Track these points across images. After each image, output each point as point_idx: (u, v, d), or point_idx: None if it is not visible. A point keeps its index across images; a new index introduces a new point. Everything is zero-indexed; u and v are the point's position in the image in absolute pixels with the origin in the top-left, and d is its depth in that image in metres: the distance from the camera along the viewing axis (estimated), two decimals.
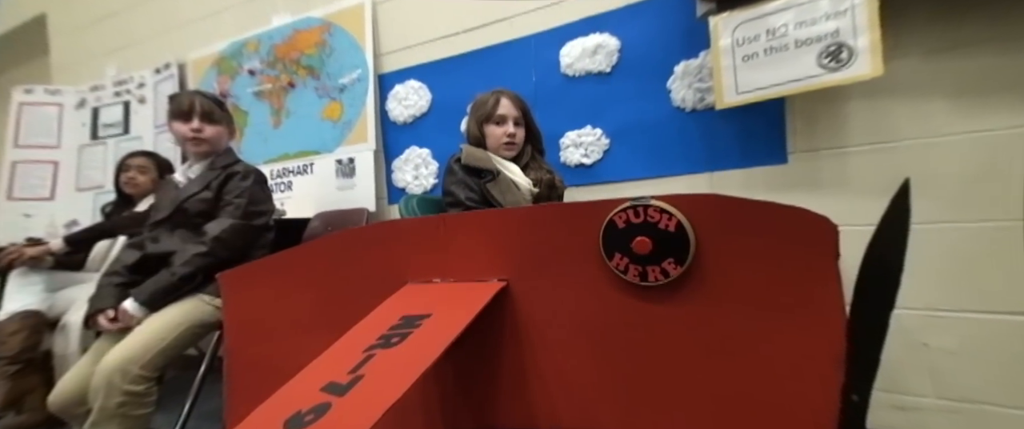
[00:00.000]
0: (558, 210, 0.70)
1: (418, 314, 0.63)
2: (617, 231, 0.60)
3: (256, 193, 1.13)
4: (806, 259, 0.51)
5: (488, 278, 0.71)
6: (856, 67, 0.81)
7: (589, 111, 1.32)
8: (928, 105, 0.94)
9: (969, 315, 0.92)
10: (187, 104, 1.12)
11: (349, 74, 1.68)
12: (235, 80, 1.95)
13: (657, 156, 1.23)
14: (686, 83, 1.18)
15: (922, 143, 0.96)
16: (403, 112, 1.60)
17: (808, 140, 1.06)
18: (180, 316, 1.00)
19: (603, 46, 1.29)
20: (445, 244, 0.75)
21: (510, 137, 1.02)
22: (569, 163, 1.34)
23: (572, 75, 1.34)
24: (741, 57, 0.92)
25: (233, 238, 1.07)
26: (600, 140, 1.30)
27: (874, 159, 0.99)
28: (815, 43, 0.85)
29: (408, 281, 0.77)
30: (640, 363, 0.61)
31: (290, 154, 1.80)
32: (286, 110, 1.82)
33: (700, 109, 1.17)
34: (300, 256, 0.87)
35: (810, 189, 1.05)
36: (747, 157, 1.12)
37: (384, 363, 0.52)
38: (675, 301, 0.58)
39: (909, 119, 0.96)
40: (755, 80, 0.92)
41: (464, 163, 0.97)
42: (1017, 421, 0.89)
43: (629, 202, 0.59)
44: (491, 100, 1.03)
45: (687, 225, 0.55)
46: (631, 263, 0.59)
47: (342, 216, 1.60)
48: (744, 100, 0.94)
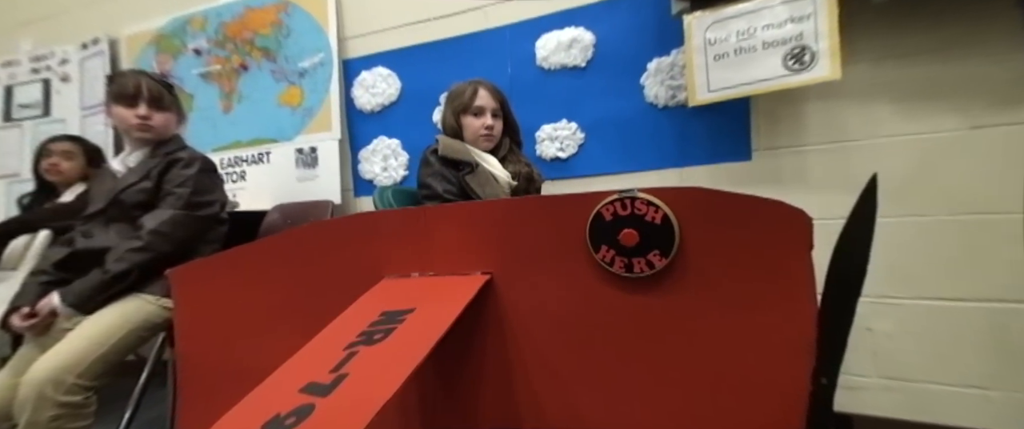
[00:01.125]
0: (544, 202, 0.70)
1: (400, 309, 0.61)
2: (604, 223, 0.61)
3: (201, 182, 1.04)
4: (782, 249, 0.54)
5: (471, 271, 0.70)
6: (817, 70, 0.87)
7: (565, 105, 1.33)
8: (877, 108, 1.03)
9: (907, 301, 1.03)
10: (133, 87, 1.01)
11: (310, 58, 1.59)
12: (178, 60, 1.80)
13: (630, 151, 1.27)
14: (659, 80, 1.22)
15: (871, 143, 1.05)
16: (370, 100, 1.54)
17: (770, 138, 1.12)
18: (120, 318, 0.91)
19: (578, 40, 1.30)
20: (426, 237, 0.73)
21: (488, 129, 1.01)
22: (545, 156, 1.35)
23: (548, 68, 1.34)
24: (713, 56, 0.97)
25: (174, 231, 0.98)
26: (575, 134, 1.32)
27: (829, 157, 1.08)
28: (780, 45, 0.90)
29: (385, 276, 0.74)
30: (623, 355, 0.62)
31: (243, 141, 1.69)
32: (238, 93, 1.70)
33: (672, 106, 1.21)
34: (264, 251, 0.82)
35: (772, 185, 1.12)
36: (714, 154, 1.18)
37: (369, 360, 0.50)
38: (658, 292, 0.60)
39: (860, 121, 1.05)
40: (725, 79, 0.96)
41: (441, 154, 0.94)
42: (949, 396, 1.00)
43: (616, 194, 0.60)
44: (469, 90, 1.02)
45: (672, 217, 0.57)
46: (617, 255, 0.60)
47: (304, 209, 1.52)
48: (715, 98, 0.98)
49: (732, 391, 0.56)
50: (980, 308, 0.97)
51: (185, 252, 1.00)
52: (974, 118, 0.96)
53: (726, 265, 0.56)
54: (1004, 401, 0.94)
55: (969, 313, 0.98)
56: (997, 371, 0.95)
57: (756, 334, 0.55)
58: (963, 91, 0.97)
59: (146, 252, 0.95)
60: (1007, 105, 0.93)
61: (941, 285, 0.99)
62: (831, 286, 0.52)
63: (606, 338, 0.63)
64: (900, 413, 1.03)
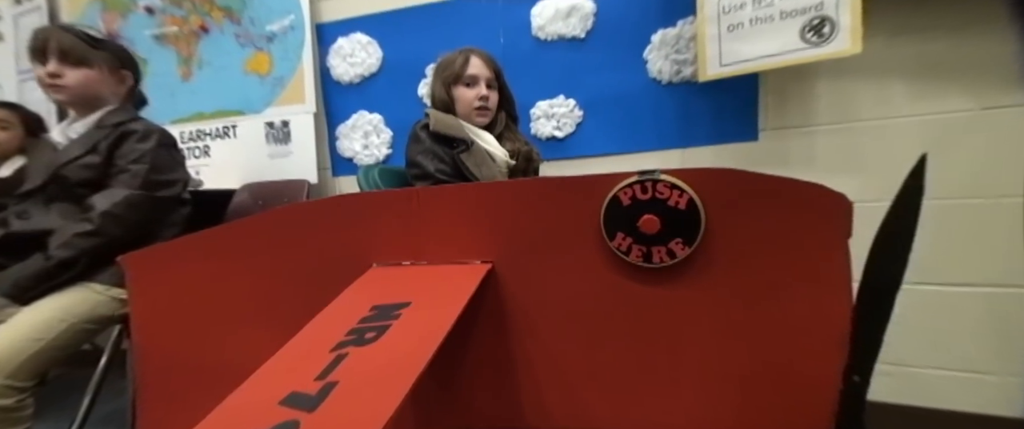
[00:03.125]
0: (552, 184, 0.64)
1: (394, 303, 0.56)
2: (621, 208, 0.56)
3: (160, 158, 0.94)
4: (819, 237, 0.51)
5: (469, 260, 0.64)
6: (837, 43, 0.83)
7: (562, 80, 1.26)
8: (889, 87, 1.01)
9: (908, 287, 1.02)
10: (40, 41, 0.91)
11: (279, 20, 1.46)
12: (127, 19, 1.63)
13: (631, 130, 1.22)
14: (663, 54, 1.16)
15: (881, 124, 1.02)
16: (348, 70, 1.43)
17: (779, 118, 1.09)
18: (61, 311, 0.82)
19: (578, 8, 1.22)
20: (419, 221, 0.67)
21: (483, 100, 0.94)
22: (540, 135, 1.28)
23: (544, 39, 1.26)
24: (726, 27, 0.91)
25: (128, 213, 0.89)
26: (573, 112, 1.26)
27: (838, 138, 1.05)
28: (800, 15, 0.85)
29: (373, 264, 0.68)
30: (638, 351, 0.58)
31: (206, 113, 1.56)
32: (198, 59, 1.56)
33: (676, 82, 1.16)
34: (234, 235, 0.74)
35: (779, 167, 1.08)
36: (719, 133, 1.14)
37: (362, 365, 0.44)
38: (680, 283, 0.56)
39: (871, 100, 1.02)
40: (739, 52, 0.91)
41: (433, 130, 0.87)
42: (938, 380, 1.02)
43: (636, 176, 0.55)
44: (460, 59, 0.94)
45: (698, 202, 0.53)
46: (635, 243, 0.56)
47: (277, 188, 1.42)
48: (727, 73, 0.94)
49: (757, 390, 0.53)
50: (981, 293, 0.98)
51: (141, 237, 0.91)
52: (986, 98, 0.95)
53: (756, 254, 0.53)
54: (1002, 385, 0.96)
55: (970, 298, 0.98)
56: (996, 356, 0.96)
57: (786, 329, 0.52)
58: (977, 70, 0.95)
59: (96, 237, 0.85)
60: (1021, 85, 0.92)
61: (945, 270, 0.99)
62: (869, 277, 0.49)
63: (619, 333, 0.59)
64: (898, 398, 1.05)
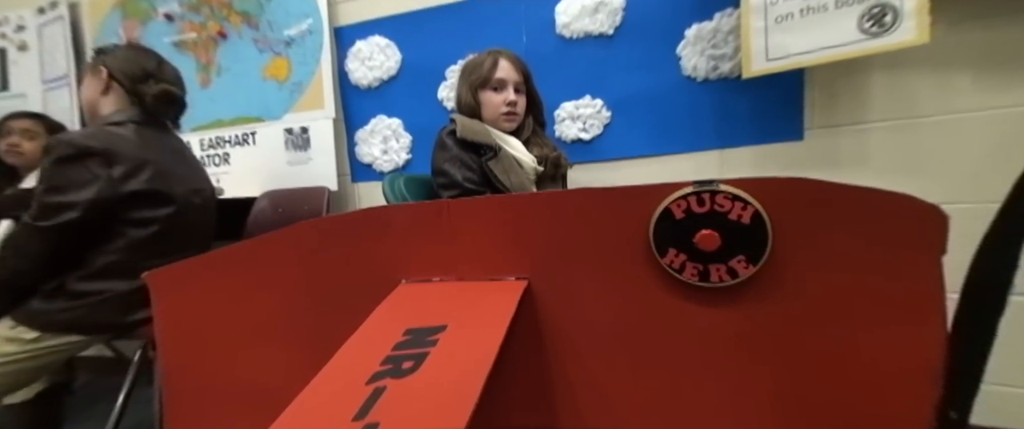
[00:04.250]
0: (596, 196, 0.60)
1: (429, 326, 0.52)
2: (674, 222, 0.51)
3: (56, 177, 0.81)
4: (907, 255, 0.45)
5: (503, 276, 0.61)
6: (900, 32, 0.77)
7: (588, 79, 1.21)
8: (953, 79, 0.93)
9: None
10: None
11: (297, 25, 1.45)
12: (147, 26, 1.64)
13: (663, 131, 1.16)
14: (699, 49, 1.10)
15: (943, 120, 0.95)
16: (367, 74, 1.41)
17: (827, 115, 1.02)
18: None
19: (605, 4, 1.17)
20: (450, 235, 0.63)
21: (510, 106, 0.90)
22: (565, 138, 1.24)
23: (569, 37, 1.22)
24: (774, 18, 0.85)
25: (24, 244, 0.81)
26: (601, 112, 1.21)
27: (895, 136, 0.98)
28: (857, 4, 0.79)
29: (402, 280, 0.65)
30: (692, 379, 0.54)
31: (225, 120, 1.56)
32: (217, 66, 1.56)
33: (713, 79, 1.11)
34: (258, 250, 0.72)
35: (827, 168, 1.03)
36: (760, 133, 1.08)
37: (404, 401, 0.40)
38: (742, 306, 0.51)
39: (932, 93, 0.95)
40: (788, 45, 0.85)
41: (460, 136, 0.84)
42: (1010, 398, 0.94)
43: (692, 187, 0.50)
44: (488, 61, 0.90)
45: (765, 216, 0.48)
46: (689, 260, 0.51)
47: (297, 195, 1.42)
48: (775, 68, 0.88)
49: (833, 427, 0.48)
50: None
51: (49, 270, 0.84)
52: None
53: (831, 274, 0.47)
54: None
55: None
56: None
57: (867, 360, 0.47)
58: None
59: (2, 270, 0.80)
60: None
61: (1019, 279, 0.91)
62: (968, 300, 0.44)
63: (671, 359, 0.54)
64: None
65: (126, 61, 0.97)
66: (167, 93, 0.99)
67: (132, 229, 0.88)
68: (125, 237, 0.88)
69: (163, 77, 1.00)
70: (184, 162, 1.04)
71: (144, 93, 0.96)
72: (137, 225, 0.89)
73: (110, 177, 0.84)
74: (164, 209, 0.92)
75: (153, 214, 0.90)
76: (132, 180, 0.86)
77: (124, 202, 0.86)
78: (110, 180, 0.84)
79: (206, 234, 1.10)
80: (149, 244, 0.90)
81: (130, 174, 0.86)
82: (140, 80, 0.96)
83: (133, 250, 0.89)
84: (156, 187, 0.90)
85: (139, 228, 0.89)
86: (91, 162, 0.83)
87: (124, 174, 0.85)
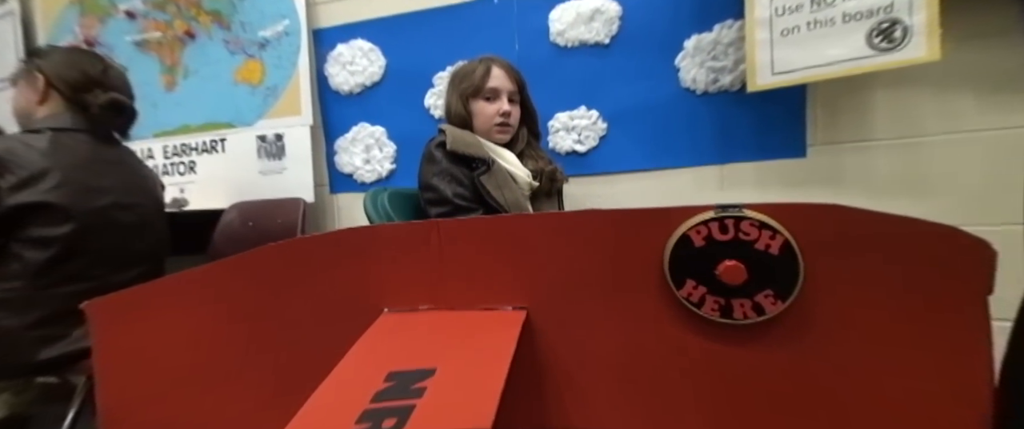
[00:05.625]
0: (603, 218, 0.55)
1: (415, 370, 0.46)
2: (693, 251, 0.47)
3: None
4: (951, 293, 0.41)
5: (499, 305, 0.55)
6: (910, 49, 0.75)
7: (584, 89, 1.18)
8: (958, 98, 0.93)
9: None
10: None
11: (272, 26, 1.38)
12: (106, 24, 1.54)
13: (661, 145, 1.13)
14: (698, 61, 1.08)
15: (948, 139, 0.94)
16: (348, 79, 1.35)
17: (830, 132, 1.01)
18: None
19: (602, 12, 1.14)
20: (439, 258, 0.58)
21: (504, 116, 0.85)
22: (559, 150, 1.20)
23: (564, 45, 1.18)
24: (779, 31, 0.83)
25: None
26: (596, 124, 1.17)
27: (898, 155, 0.97)
28: (866, 18, 0.77)
29: (384, 309, 0.59)
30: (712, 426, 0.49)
31: (192, 126, 1.47)
32: (184, 67, 1.47)
33: (713, 92, 1.08)
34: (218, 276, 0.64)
35: (830, 186, 1.01)
36: (762, 149, 1.06)
37: None
38: (767, 346, 0.47)
39: (936, 112, 0.94)
40: (795, 59, 0.83)
41: (450, 149, 0.78)
42: None
43: (713, 212, 0.46)
44: (480, 70, 0.85)
45: (796, 246, 0.43)
46: (709, 294, 0.46)
47: (269, 207, 1.33)
48: (781, 82, 0.85)
49: None
50: None
51: None
52: None
53: (868, 313, 0.43)
54: None
55: None
56: None
57: (908, 408, 0.43)
58: None
59: None
60: None
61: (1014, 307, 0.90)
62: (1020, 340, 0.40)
63: (686, 403, 0.49)
64: None
65: (66, 65, 0.87)
66: (115, 102, 0.90)
67: (29, 251, 0.77)
68: (20, 261, 0.76)
69: (109, 84, 0.90)
70: (116, 173, 0.91)
71: (89, 103, 0.86)
72: (34, 246, 0.77)
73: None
74: (62, 227, 0.79)
75: (50, 232, 0.78)
76: (23, 191, 0.75)
77: (11, 218, 0.75)
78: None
79: (149, 255, 0.97)
80: (51, 269, 0.78)
81: (23, 185, 0.75)
82: (83, 88, 0.86)
83: (31, 277, 0.77)
84: (52, 200, 0.78)
85: (36, 250, 0.77)
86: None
87: (14, 185, 0.75)
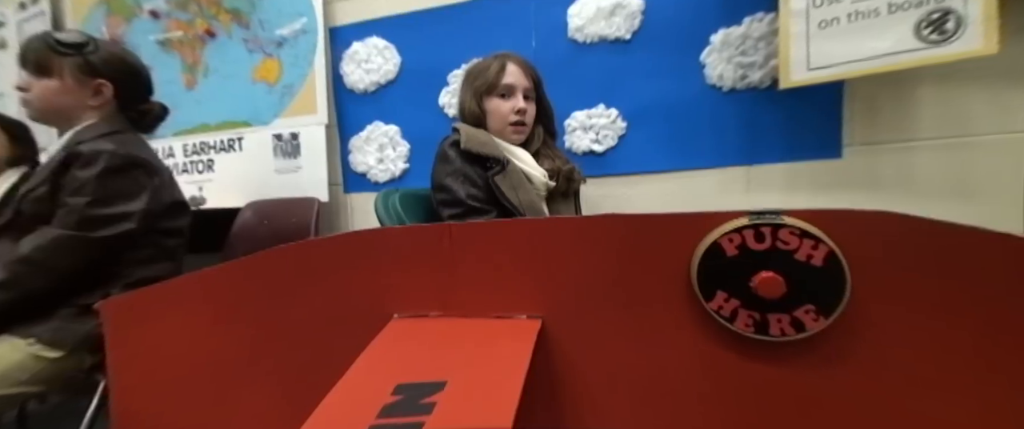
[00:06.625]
0: (626, 223, 0.52)
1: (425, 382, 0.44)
2: (725, 260, 0.43)
3: (106, 187, 0.80)
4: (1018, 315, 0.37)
5: (513, 313, 0.53)
6: (965, 41, 0.69)
7: (602, 87, 1.14)
8: (1011, 93, 0.86)
9: None
10: (22, 52, 0.84)
11: (289, 24, 1.39)
12: (131, 24, 1.58)
13: (684, 144, 1.09)
14: (725, 56, 1.03)
15: (1000, 139, 0.88)
16: (363, 78, 1.34)
17: (868, 131, 0.95)
18: None
19: (623, 6, 1.11)
20: (451, 264, 0.56)
21: (519, 115, 0.83)
22: (576, 149, 1.17)
23: (582, 41, 1.15)
24: (817, 23, 0.78)
25: (52, 258, 0.77)
26: (615, 123, 1.14)
27: (945, 156, 0.91)
28: (914, 8, 0.72)
29: (395, 315, 0.57)
30: None
31: (211, 125, 1.49)
32: (204, 66, 1.50)
33: (741, 89, 1.03)
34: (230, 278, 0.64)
35: (869, 189, 0.95)
36: (793, 149, 1.01)
37: None
38: (807, 367, 0.43)
39: (987, 110, 0.88)
40: (834, 53, 0.78)
41: (464, 148, 0.76)
42: None
43: (748, 218, 0.42)
44: (495, 66, 0.83)
45: (841, 258, 0.40)
46: (743, 307, 0.43)
47: (284, 206, 1.34)
48: (818, 78, 0.80)
49: None
50: None
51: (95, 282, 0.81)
52: None
53: (923, 332, 0.39)
54: None
55: None
56: None
57: None
58: None
59: (8, 290, 0.74)
60: None
61: None
62: None
63: (714, 425, 0.46)
64: None
65: (127, 74, 0.90)
66: (166, 112, 0.99)
67: (165, 239, 0.90)
68: (158, 247, 0.89)
69: (151, 90, 0.97)
70: None
71: (145, 112, 0.94)
72: (169, 235, 0.91)
73: (154, 187, 0.86)
74: (185, 218, 0.95)
75: (179, 224, 0.94)
76: (168, 190, 0.91)
77: (165, 213, 0.89)
78: (154, 190, 0.86)
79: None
80: (177, 253, 0.94)
81: (167, 184, 0.91)
82: (143, 100, 0.94)
83: (171, 257, 0.92)
84: (179, 197, 0.95)
85: (170, 238, 0.91)
86: (137, 173, 0.84)
87: (162, 184, 0.89)
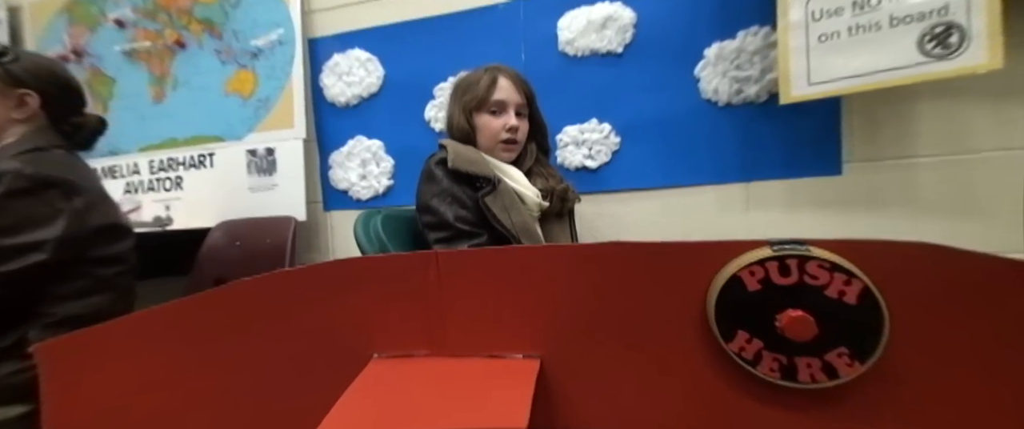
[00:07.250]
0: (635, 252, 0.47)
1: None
2: (746, 296, 0.39)
3: (8, 214, 0.70)
4: None
5: (508, 353, 0.48)
6: (969, 56, 0.68)
7: (595, 101, 1.12)
8: (1012, 109, 0.85)
9: None
10: None
11: (265, 35, 1.33)
12: (96, 33, 1.50)
13: (679, 160, 1.06)
14: (720, 70, 1.01)
15: (1003, 156, 0.87)
16: (345, 91, 1.29)
17: (868, 147, 0.93)
18: None
19: (614, 19, 1.09)
20: (438, 297, 0.51)
21: (511, 132, 0.78)
22: (569, 165, 1.13)
23: (573, 54, 1.12)
24: (817, 36, 0.76)
25: None
26: (608, 138, 1.11)
27: (947, 173, 0.89)
28: (917, 22, 0.70)
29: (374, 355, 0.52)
30: None
31: (179, 140, 1.41)
32: (173, 78, 1.43)
33: (736, 104, 1.01)
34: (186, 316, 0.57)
35: (870, 207, 0.93)
36: (792, 166, 0.98)
37: None
38: (841, 417, 0.38)
39: (989, 125, 0.87)
40: (834, 67, 0.76)
41: (453, 167, 0.71)
42: None
43: (770, 248, 0.38)
44: (485, 80, 0.78)
45: (878, 295, 0.35)
46: (767, 349, 0.38)
47: (258, 226, 1.26)
48: (819, 93, 0.78)
49: None
50: None
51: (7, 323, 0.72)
52: None
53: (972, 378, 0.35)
54: None
55: None
56: None
57: None
58: None
59: None
60: None
61: None
62: None
63: None
64: None
65: (54, 85, 0.82)
66: (103, 123, 0.90)
67: (100, 268, 0.79)
68: (92, 277, 0.78)
69: (84, 102, 0.89)
70: None
71: (80, 125, 0.86)
72: (104, 264, 0.80)
73: (75, 210, 0.74)
74: (124, 242, 0.83)
75: (117, 250, 0.82)
76: (96, 212, 0.79)
77: (93, 239, 0.78)
78: (75, 213, 0.74)
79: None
80: (118, 283, 0.82)
81: (96, 205, 0.79)
82: (76, 112, 0.86)
83: (104, 292, 0.80)
84: (114, 219, 0.83)
85: (107, 267, 0.80)
86: (43, 195, 0.73)
87: (87, 205, 0.77)
